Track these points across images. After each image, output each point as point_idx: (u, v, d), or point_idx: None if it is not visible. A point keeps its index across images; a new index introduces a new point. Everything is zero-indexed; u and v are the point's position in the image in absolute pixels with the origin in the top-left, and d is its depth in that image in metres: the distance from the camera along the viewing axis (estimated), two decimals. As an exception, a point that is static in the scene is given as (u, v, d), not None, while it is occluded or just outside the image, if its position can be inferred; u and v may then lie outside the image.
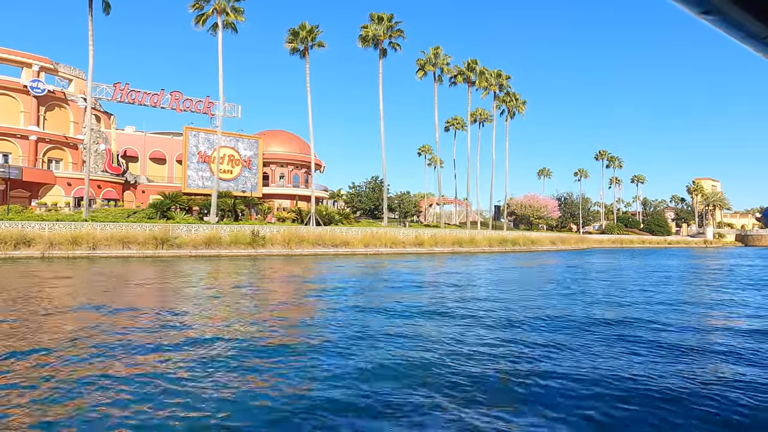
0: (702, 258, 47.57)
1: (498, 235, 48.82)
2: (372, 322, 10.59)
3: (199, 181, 63.17)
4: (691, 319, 11.87)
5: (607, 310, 12.93)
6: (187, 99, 65.77)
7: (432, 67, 48.32)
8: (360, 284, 18.48)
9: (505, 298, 15.04)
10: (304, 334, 9.35)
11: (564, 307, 13.33)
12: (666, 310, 13.12)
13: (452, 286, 17.96)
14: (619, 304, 14.04)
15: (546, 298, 15.12)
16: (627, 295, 16.48)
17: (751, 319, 12.17)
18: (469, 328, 10.12)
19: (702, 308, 13.90)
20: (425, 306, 13.03)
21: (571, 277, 22.71)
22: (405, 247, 38.90)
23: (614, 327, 10.46)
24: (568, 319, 11.36)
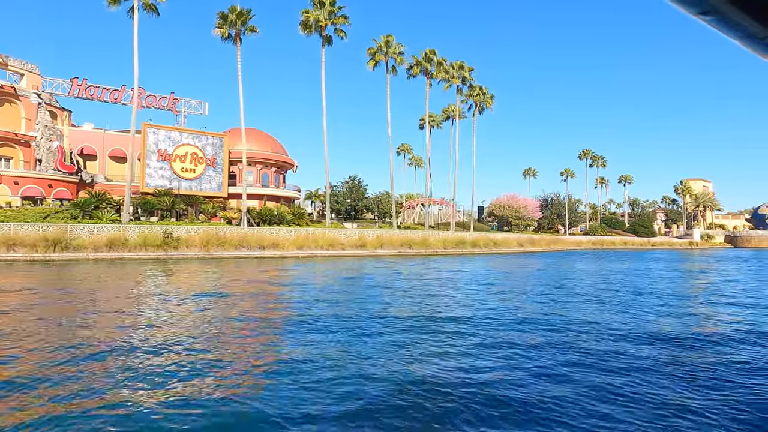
0: (671, 261, 43.40)
1: (455, 236, 44.83)
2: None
3: (159, 180, 59.63)
4: (536, 337, 8.57)
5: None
6: (150, 95, 62.36)
7: (383, 56, 44.35)
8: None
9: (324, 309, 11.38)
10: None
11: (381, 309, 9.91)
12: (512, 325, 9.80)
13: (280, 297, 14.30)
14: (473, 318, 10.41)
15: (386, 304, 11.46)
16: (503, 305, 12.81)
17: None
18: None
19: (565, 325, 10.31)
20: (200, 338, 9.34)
21: (463, 283, 18.95)
22: (344, 249, 35.15)
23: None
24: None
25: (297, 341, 9.19)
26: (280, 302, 14.38)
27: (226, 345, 8.85)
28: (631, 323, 11.60)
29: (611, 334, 10.21)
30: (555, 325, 11.00)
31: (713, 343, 9.49)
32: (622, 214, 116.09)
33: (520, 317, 12.07)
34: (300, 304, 13.95)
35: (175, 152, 60.11)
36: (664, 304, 15.26)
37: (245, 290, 16.74)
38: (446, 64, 47.81)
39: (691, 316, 13.06)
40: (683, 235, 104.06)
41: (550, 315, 12.45)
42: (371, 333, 9.79)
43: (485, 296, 16.08)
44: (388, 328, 10.36)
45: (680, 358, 8.47)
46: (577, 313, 12.94)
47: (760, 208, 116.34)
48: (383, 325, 10.65)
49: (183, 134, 60.93)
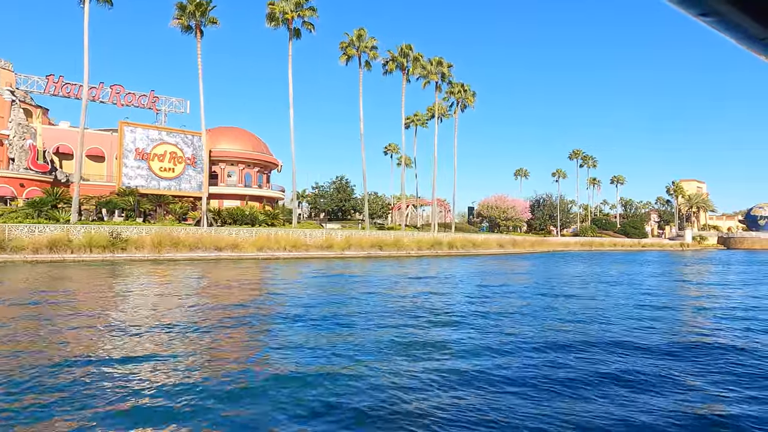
0: (652, 264, 41.40)
1: (430, 237, 42.83)
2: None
3: (137, 179, 57.87)
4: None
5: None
6: (129, 93, 60.66)
7: (355, 51, 42.37)
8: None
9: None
10: None
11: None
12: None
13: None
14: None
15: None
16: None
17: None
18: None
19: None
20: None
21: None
22: (308, 251, 33.30)
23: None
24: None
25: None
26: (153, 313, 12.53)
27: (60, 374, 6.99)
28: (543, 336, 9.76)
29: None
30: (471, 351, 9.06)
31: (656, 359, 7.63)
32: (615, 215, 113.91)
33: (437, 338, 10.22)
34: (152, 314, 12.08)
35: (153, 151, 58.38)
36: (577, 314, 13.32)
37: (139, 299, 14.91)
38: (423, 60, 45.79)
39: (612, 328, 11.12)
40: (675, 236, 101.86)
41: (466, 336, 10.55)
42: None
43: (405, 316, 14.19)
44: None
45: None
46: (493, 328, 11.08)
47: (753, 210, 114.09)
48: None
49: (162, 133, 59.18)
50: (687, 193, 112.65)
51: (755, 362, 8.32)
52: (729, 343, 9.73)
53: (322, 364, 7.67)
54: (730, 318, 12.82)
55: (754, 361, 8.38)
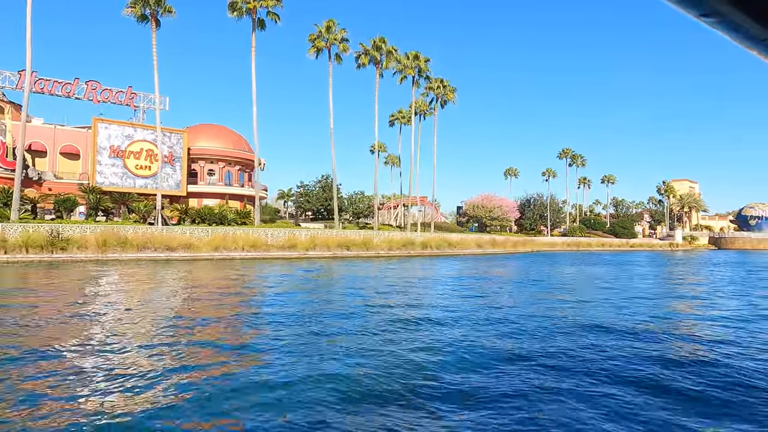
0: (631, 265, 39.48)
1: (402, 236, 40.91)
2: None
3: (112, 177, 56.03)
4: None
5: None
6: (106, 89, 58.61)
7: (324, 43, 40.43)
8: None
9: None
10: None
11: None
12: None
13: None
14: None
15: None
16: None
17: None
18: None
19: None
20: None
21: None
22: (269, 251, 31.45)
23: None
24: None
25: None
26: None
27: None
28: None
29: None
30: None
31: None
32: (606, 215, 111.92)
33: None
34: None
35: (128, 148, 56.54)
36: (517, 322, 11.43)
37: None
38: (398, 54, 43.69)
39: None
40: (665, 236, 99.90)
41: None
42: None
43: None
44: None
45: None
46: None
47: (744, 210, 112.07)
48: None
49: (137, 129, 57.32)
50: (678, 193, 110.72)
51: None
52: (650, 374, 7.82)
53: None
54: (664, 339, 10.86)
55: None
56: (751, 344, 9.71)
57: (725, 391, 6.61)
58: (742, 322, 12.34)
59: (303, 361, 7.87)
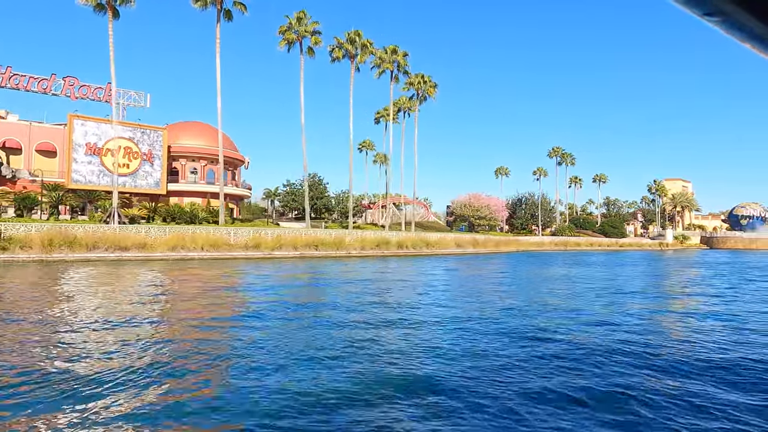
0: (607, 266, 37.87)
1: (377, 236, 39.23)
2: None
3: (89, 175, 54.45)
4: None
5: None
6: (84, 85, 56.95)
7: (294, 35, 38.74)
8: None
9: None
10: None
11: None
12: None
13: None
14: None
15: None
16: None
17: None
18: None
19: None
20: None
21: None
22: (230, 251, 29.90)
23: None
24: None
25: None
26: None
27: None
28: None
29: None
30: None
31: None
32: (597, 214, 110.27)
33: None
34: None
35: (106, 146, 54.90)
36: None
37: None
38: (373, 47, 41.84)
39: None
40: (656, 235, 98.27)
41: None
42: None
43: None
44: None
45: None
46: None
47: (735, 209, 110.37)
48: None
49: (115, 126, 55.57)
50: (670, 192, 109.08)
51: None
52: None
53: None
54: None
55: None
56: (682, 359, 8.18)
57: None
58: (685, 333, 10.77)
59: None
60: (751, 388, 6.94)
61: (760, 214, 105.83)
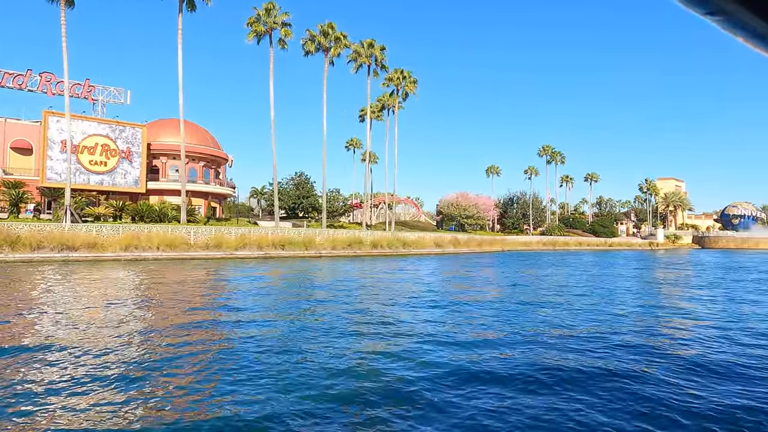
0: (583, 267, 36.27)
1: (349, 235, 37.57)
2: None
3: (64, 173, 52.81)
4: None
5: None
6: (61, 81, 55.28)
7: (263, 27, 37.04)
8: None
9: None
10: None
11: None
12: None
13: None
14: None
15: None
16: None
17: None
18: None
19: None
20: None
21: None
22: (188, 251, 28.31)
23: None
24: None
25: None
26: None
27: None
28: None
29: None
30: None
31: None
32: (590, 214, 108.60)
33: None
34: None
35: (82, 143, 53.32)
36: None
37: None
38: (347, 40, 39.96)
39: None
40: (648, 235, 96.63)
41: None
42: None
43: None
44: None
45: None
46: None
47: (727, 209, 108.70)
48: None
49: (92, 123, 54.09)
50: (663, 192, 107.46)
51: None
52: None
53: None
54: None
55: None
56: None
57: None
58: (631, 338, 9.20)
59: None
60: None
61: (751, 213, 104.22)
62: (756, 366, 7.92)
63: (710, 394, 6.43)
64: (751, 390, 6.66)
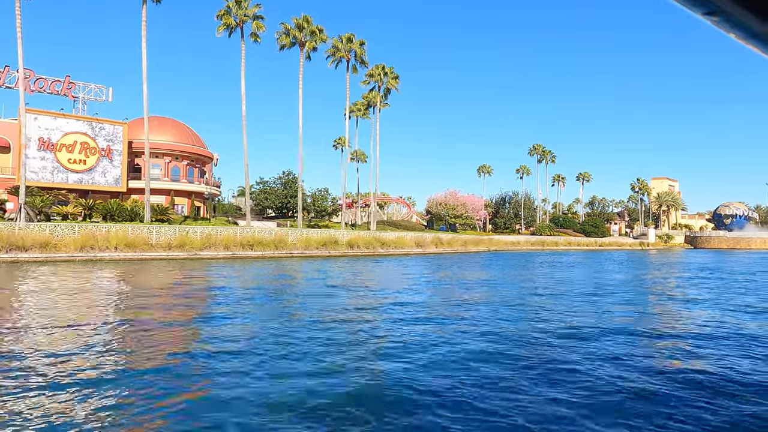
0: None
1: (324, 235, 35.99)
2: None
3: (42, 172, 51.61)
4: None
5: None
6: (41, 78, 54.03)
7: (233, 20, 35.60)
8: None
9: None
10: None
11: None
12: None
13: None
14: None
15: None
16: None
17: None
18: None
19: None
20: None
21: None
22: (146, 251, 26.92)
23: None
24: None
25: None
26: None
27: None
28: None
29: None
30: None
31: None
32: (581, 213, 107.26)
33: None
34: None
35: (60, 141, 52.01)
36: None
37: None
38: (323, 34, 38.37)
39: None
40: (639, 235, 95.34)
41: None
42: None
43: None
44: None
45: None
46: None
47: (719, 208, 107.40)
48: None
49: (71, 121, 52.76)
50: (655, 191, 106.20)
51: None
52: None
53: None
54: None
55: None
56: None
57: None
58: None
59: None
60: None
61: (743, 213, 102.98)
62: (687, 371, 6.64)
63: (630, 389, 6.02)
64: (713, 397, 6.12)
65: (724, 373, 7.12)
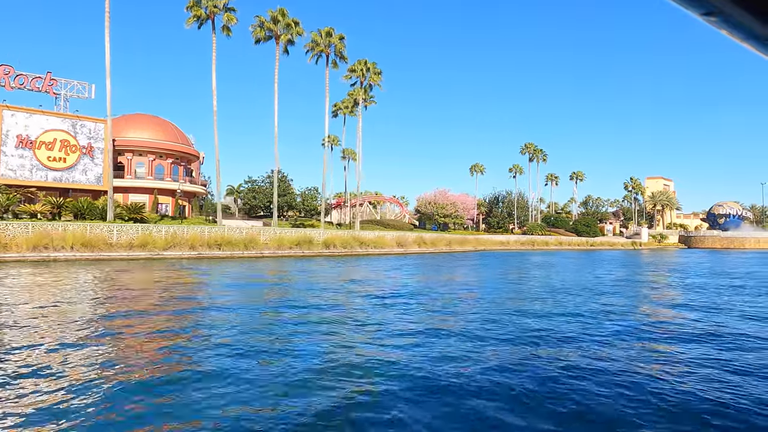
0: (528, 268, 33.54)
1: (299, 234, 34.77)
2: None
3: (20, 170, 50.27)
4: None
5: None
6: (21, 74, 52.64)
7: (202, 12, 34.21)
8: None
9: None
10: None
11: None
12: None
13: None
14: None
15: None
16: None
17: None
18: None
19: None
20: None
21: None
22: (111, 251, 25.65)
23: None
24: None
25: None
26: None
27: None
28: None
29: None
30: None
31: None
32: (575, 213, 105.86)
33: None
34: None
35: (39, 138, 50.67)
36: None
37: None
38: (299, 27, 36.92)
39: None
40: (632, 234, 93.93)
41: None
42: None
43: None
44: None
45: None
46: None
47: (713, 208, 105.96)
48: None
49: (50, 118, 51.41)
50: (649, 191, 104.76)
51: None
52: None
53: None
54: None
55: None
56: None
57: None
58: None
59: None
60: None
61: (737, 212, 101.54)
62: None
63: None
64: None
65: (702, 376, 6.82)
